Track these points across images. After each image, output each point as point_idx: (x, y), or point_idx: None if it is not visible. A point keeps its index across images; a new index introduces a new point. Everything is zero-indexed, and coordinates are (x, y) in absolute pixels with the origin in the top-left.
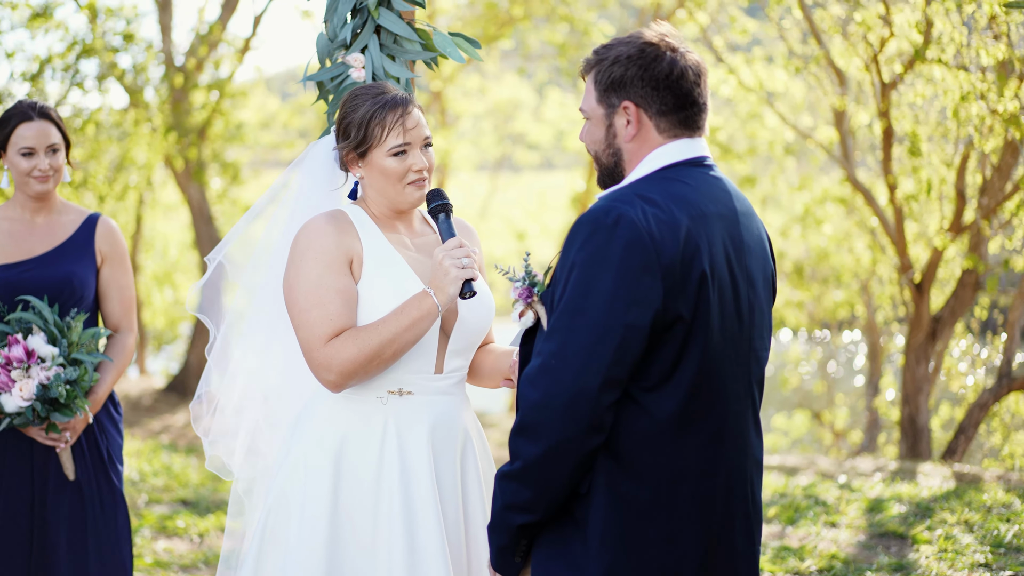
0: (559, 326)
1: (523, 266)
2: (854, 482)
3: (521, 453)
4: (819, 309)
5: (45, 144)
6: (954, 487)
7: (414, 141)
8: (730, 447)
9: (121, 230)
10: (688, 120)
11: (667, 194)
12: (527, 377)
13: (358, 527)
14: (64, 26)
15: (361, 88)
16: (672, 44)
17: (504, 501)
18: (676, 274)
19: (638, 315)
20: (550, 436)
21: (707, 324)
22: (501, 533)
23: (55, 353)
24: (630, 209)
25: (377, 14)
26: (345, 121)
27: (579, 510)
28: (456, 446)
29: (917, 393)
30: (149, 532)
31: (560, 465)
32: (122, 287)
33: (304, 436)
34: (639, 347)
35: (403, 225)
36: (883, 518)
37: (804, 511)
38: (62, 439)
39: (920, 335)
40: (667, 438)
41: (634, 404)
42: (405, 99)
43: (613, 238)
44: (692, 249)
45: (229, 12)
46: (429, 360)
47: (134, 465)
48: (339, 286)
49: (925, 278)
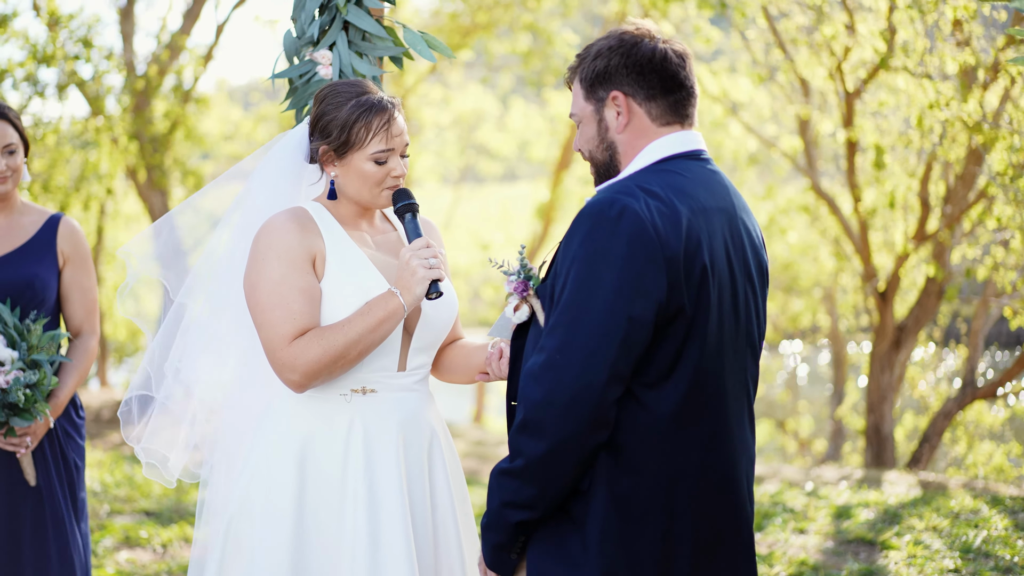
0: (562, 321)
1: (518, 259)
2: (821, 490)
3: (524, 450)
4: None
5: (1, 144)
6: (920, 494)
7: (396, 147)
8: (727, 444)
9: None
10: (678, 105)
11: (668, 186)
12: (530, 374)
13: (323, 528)
14: (24, 35)
15: (342, 84)
16: (651, 32)
17: (503, 498)
18: (679, 267)
19: (642, 308)
20: (554, 433)
21: (707, 319)
22: (499, 531)
23: (15, 357)
24: (634, 202)
25: (346, 10)
26: (326, 119)
27: (577, 508)
28: (424, 444)
29: (881, 402)
30: (111, 542)
31: (564, 462)
32: (85, 289)
33: (266, 438)
34: (643, 341)
35: (365, 222)
36: (851, 524)
37: (772, 518)
38: (22, 444)
39: (884, 344)
40: (667, 435)
41: (634, 401)
42: (390, 103)
43: (617, 231)
44: (695, 242)
45: (191, 21)
46: (392, 358)
47: (96, 476)
48: (302, 284)
49: (889, 287)
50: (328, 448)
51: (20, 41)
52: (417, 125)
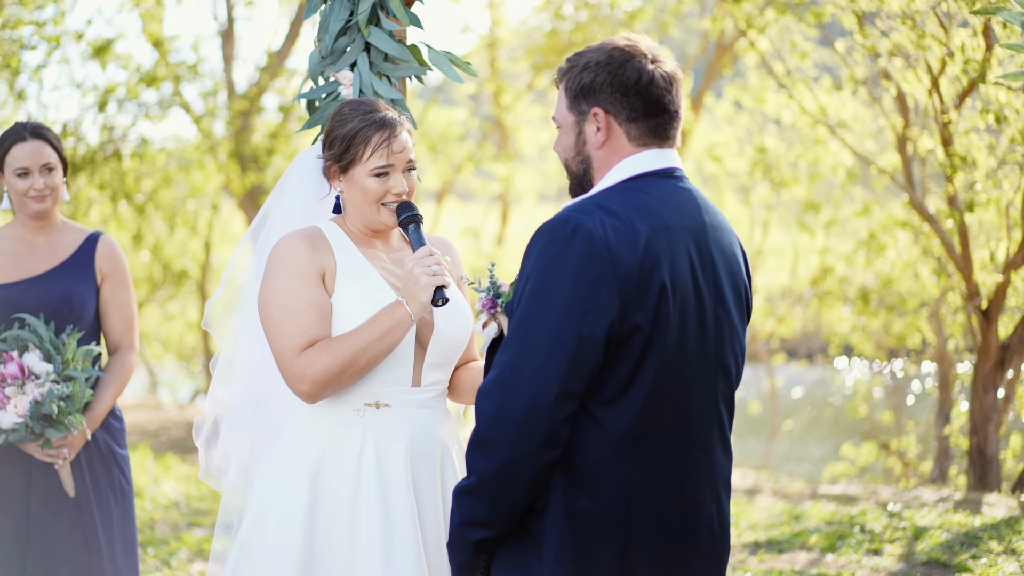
0: (514, 338)
1: (488, 276)
2: (905, 512)
3: (477, 468)
4: (887, 337)
5: (39, 163)
6: (1006, 516)
7: (397, 164)
8: (691, 465)
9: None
10: (659, 128)
11: (628, 205)
12: (483, 390)
13: (334, 545)
14: (127, 58)
15: (354, 102)
16: (641, 51)
17: (461, 517)
18: (633, 285)
19: (593, 326)
20: (505, 450)
21: (665, 337)
22: (460, 550)
23: (49, 370)
24: (587, 219)
25: (367, 32)
26: (332, 134)
27: (536, 525)
28: (435, 460)
29: (985, 423)
30: (186, 555)
31: (516, 480)
32: (122, 305)
33: (281, 451)
34: (594, 359)
35: (380, 242)
36: (927, 547)
37: (847, 539)
38: (60, 455)
39: (988, 363)
40: (623, 453)
41: (590, 418)
42: (394, 121)
43: (569, 248)
44: (651, 260)
45: (291, 42)
46: (406, 372)
47: (181, 489)
48: (312, 298)
49: (992, 305)
50: (340, 464)
51: (122, 63)
52: (517, 144)
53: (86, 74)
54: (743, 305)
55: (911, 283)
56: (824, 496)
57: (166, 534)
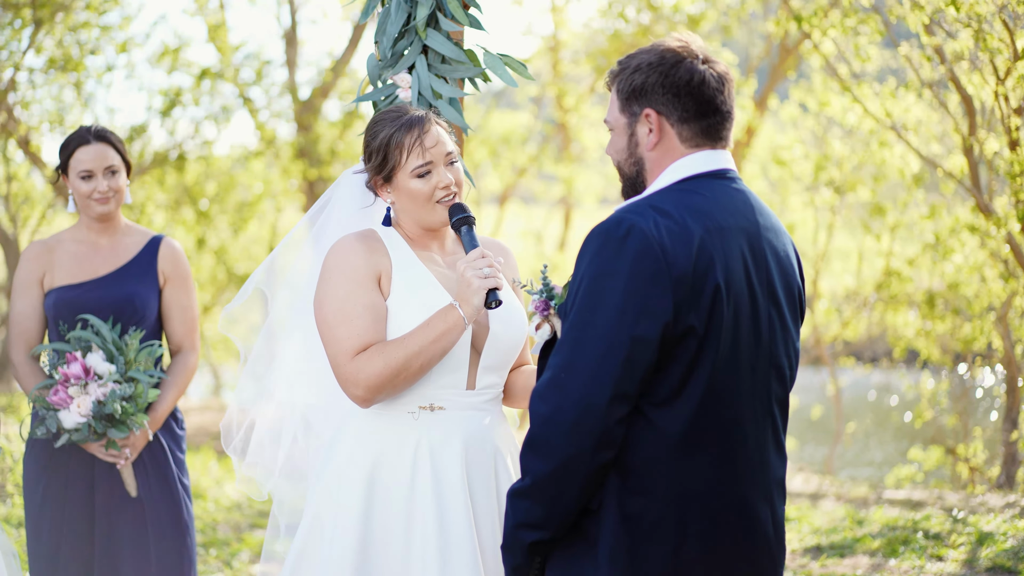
0: (568, 339)
1: (540, 278)
2: (970, 517)
3: (531, 469)
4: (952, 341)
5: (103, 166)
6: None
7: (436, 159)
8: (745, 467)
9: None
10: (711, 129)
11: (682, 205)
12: (537, 392)
13: (390, 550)
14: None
15: (383, 112)
16: (693, 51)
17: (515, 519)
18: (688, 286)
19: (647, 327)
20: (559, 452)
21: (719, 338)
22: (514, 552)
23: (112, 370)
24: (641, 220)
25: (424, 34)
26: (368, 148)
27: (590, 528)
28: (488, 462)
29: None
30: (247, 556)
31: (570, 481)
32: (184, 307)
33: (337, 456)
34: (648, 360)
35: (436, 244)
36: (991, 552)
37: (910, 544)
38: (122, 455)
39: None
40: (677, 455)
41: (643, 419)
42: (422, 118)
43: (623, 249)
44: (705, 261)
45: (354, 45)
46: (461, 376)
47: (243, 490)
48: (367, 302)
49: None
50: (396, 467)
51: (188, 69)
52: (580, 146)
53: (152, 79)
54: (796, 307)
55: (977, 287)
56: (888, 501)
57: (228, 535)
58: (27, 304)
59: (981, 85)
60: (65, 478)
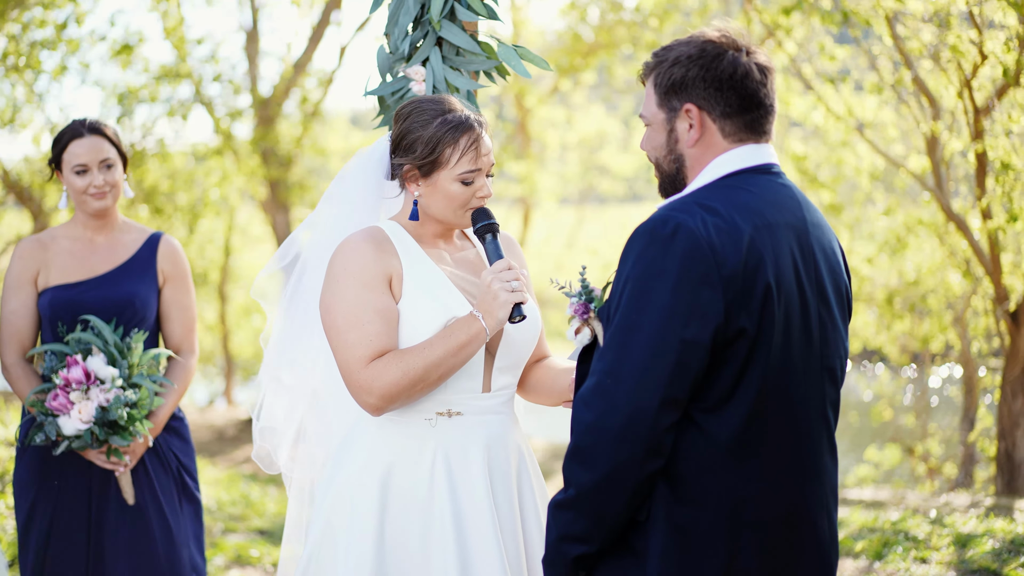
0: (613, 343)
1: (579, 280)
2: (946, 518)
3: (575, 480)
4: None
5: (98, 160)
6: None
7: (483, 167)
8: (799, 472)
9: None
10: (755, 123)
11: (729, 202)
12: (581, 398)
13: (409, 556)
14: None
15: (426, 101)
16: (736, 42)
17: (559, 532)
18: (738, 286)
19: (697, 330)
20: (605, 461)
21: (771, 339)
22: (557, 567)
23: (115, 375)
24: (689, 219)
25: (439, 26)
26: (411, 136)
27: (637, 540)
28: (511, 466)
29: (1014, 428)
30: (223, 561)
31: (616, 492)
32: (184, 307)
33: (349, 463)
34: (699, 364)
35: (443, 240)
36: (975, 554)
37: (893, 546)
38: (121, 463)
39: (1016, 368)
40: (728, 462)
41: (693, 426)
42: (479, 121)
43: (670, 249)
44: (756, 260)
45: (315, 44)
46: (476, 379)
47: (212, 494)
48: (378, 305)
49: (1021, 309)
50: (413, 475)
51: (143, 65)
52: (540, 146)
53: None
54: (844, 305)
55: (935, 284)
56: (852, 501)
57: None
58: (20, 303)
59: (946, 84)
60: (59, 487)
